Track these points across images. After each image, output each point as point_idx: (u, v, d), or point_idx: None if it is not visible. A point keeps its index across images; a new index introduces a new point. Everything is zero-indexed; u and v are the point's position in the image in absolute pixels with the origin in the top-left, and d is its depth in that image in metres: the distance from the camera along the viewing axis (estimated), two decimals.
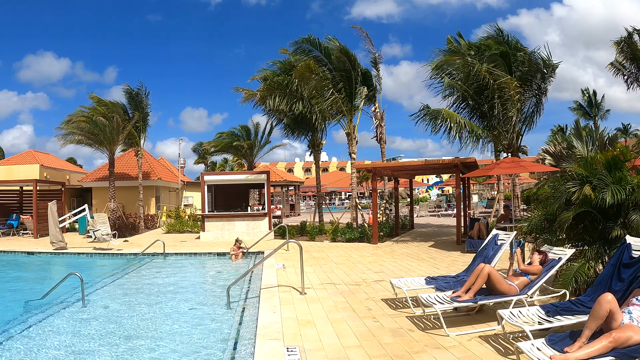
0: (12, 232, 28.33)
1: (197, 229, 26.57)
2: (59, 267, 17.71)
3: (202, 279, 14.34)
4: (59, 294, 11.38)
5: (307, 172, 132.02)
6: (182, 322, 8.93)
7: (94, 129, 27.18)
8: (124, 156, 37.80)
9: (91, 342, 7.85)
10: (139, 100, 30.69)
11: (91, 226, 22.08)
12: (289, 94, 22.30)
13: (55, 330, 8.68)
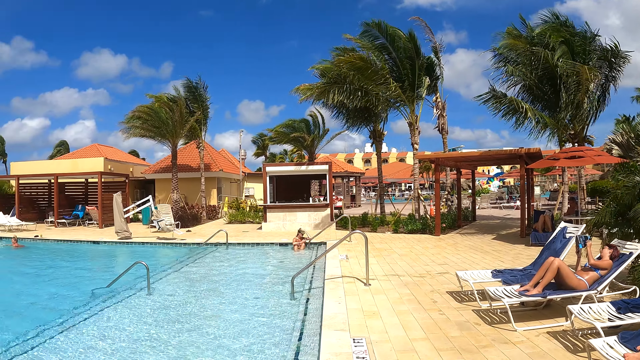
0: (78, 222, 29.44)
1: (258, 219, 26.99)
2: (123, 256, 18.35)
3: (265, 269, 14.48)
4: (125, 282, 11.79)
5: (367, 163, 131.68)
6: (246, 312, 9.07)
7: (157, 122, 27.94)
8: (186, 148, 38.66)
9: (157, 329, 8.13)
10: (198, 94, 31.45)
11: (155, 216, 22.73)
12: (348, 86, 22.28)
13: (121, 317, 9.01)
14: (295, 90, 24.69)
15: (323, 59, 24.77)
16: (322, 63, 24.38)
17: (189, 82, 31.36)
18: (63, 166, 37.21)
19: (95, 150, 43.92)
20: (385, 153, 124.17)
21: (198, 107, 30.72)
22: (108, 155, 41.31)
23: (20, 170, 37.39)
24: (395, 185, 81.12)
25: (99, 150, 44.01)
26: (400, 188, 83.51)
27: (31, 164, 39.65)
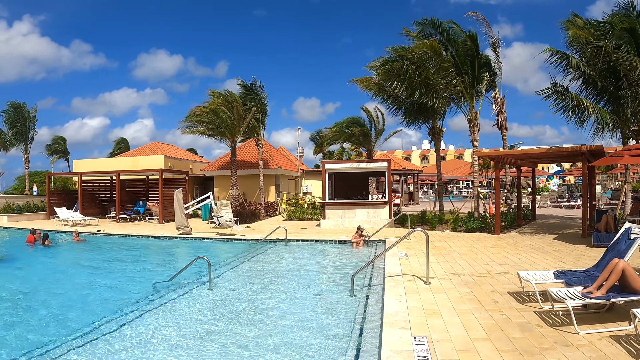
0: (139, 218, 30.52)
1: (316, 216, 27.22)
2: (184, 251, 18.78)
3: (324, 266, 14.59)
4: (186, 277, 12.14)
5: (424, 160, 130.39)
6: (306, 307, 9.23)
7: (216, 120, 28.51)
8: (244, 146, 39.24)
9: (218, 323, 8.37)
10: (255, 93, 31.78)
11: (215, 213, 23.21)
12: (408, 79, 22.17)
13: (183, 310, 9.29)
14: (352, 80, 24.84)
15: (380, 56, 24.75)
16: (378, 59, 24.36)
17: (245, 83, 31.85)
18: (124, 163, 38.37)
19: (155, 148, 45.07)
20: (442, 150, 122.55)
21: (255, 105, 31.12)
22: (168, 152, 42.38)
23: (83, 168, 38.92)
24: (453, 183, 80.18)
25: (159, 148, 45.12)
26: (458, 186, 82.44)
27: (93, 162, 41.08)
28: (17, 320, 8.94)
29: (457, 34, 22.27)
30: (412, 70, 21.55)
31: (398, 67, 22.01)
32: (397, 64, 22.37)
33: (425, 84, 22.01)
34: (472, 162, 23.57)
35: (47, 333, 7.97)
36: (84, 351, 6.92)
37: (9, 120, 40.47)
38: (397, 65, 22.22)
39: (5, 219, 30.25)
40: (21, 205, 33.92)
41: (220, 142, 31.02)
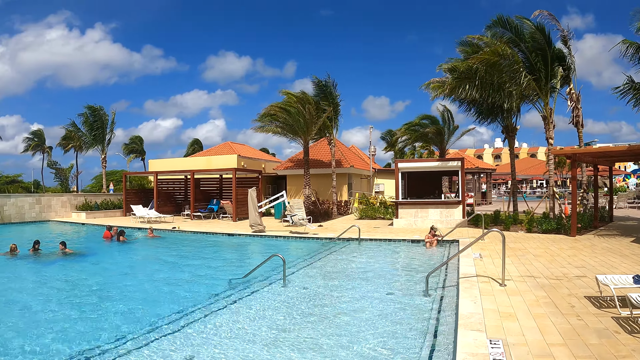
0: (213, 216, 31.24)
1: (388, 215, 27.20)
2: (257, 248, 19.05)
3: (398, 266, 14.56)
4: (260, 274, 12.36)
5: (497, 158, 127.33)
6: (379, 307, 9.23)
7: (289, 119, 28.90)
8: (317, 145, 39.49)
9: (291, 320, 8.51)
10: (328, 92, 31.80)
11: (289, 211, 23.57)
12: (479, 82, 21.81)
13: (257, 307, 9.48)
14: (425, 85, 24.63)
15: (450, 57, 24.41)
16: (449, 62, 24.03)
17: (319, 80, 31.90)
18: (198, 163, 39.35)
19: (228, 148, 45.98)
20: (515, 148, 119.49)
21: (328, 105, 31.25)
22: (241, 152, 43.15)
23: (158, 167, 40.26)
24: (527, 182, 78.02)
25: (232, 147, 46.00)
26: (532, 185, 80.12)
27: (168, 161, 42.40)
28: (92, 313, 9.39)
29: (526, 28, 21.75)
30: (482, 71, 21.21)
31: (468, 71, 21.75)
32: (466, 64, 22.07)
33: (496, 84, 21.62)
34: (547, 160, 23.00)
35: (120, 326, 8.36)
36: (157, 345, 7.22)
37: (87, 122, 42.39)
38: (467, 67, 21.94)
39: (83, 216, 31.93)
40: (99, 202, 35.38)
41: (292, 141, 31.43)
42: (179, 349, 7.02)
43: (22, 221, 30.77)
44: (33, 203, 31.86)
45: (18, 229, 27.34)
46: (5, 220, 29.88)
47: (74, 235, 24.60)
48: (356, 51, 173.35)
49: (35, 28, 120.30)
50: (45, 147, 66.60)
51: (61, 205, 33.66)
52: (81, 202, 34.55)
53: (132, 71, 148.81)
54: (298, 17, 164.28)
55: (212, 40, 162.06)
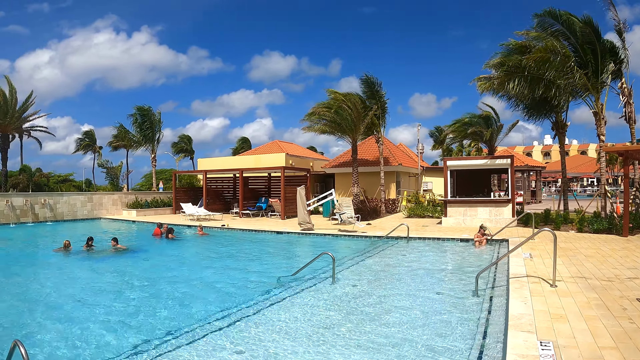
0: (261, 214, 31.65)
1: (437, 214, 27.04)
2: (306, 246, 19.21)
3: (446, 265, 14.45)
4: (309, 271, 12.44)
5: (546, 156, 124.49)
6: (428, 306, 9.21)
7: (337, 118, 28.97)
8: (364, 143, 39.42)
9: (341, 318, 8.54)
10: (374, 90, 31.73)
11: (337, 209, 23.69)
12: (528, 77, 21.41)
13: (306, 304, 9.56)
14: (474, 81, 24.36)
15: (496, 52, 23.94)
16: (494, 57, 23.66)
17: (367, 78, 31.79)
18: (247, 161, 39.93)
19: (276, 147, 46.40)
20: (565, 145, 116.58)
21: (375, 103, 31.20)
22: (289, 150, 43.45)
23: (207, 166, 41.00)
24: (577, 180, 76.06)
25: (280, 146, 46.40)
26: (582, 183, 78.00)
27: (216, 160, 43.15)
28: (142, 307, 9.67)
29: (574, 23, 21.21)
30: (531, 66, 20.80)
31: (516, 65, 21.34)
32: (514, 59, 21.67)
33: (545, 79, 21.19)
34: (598, 157, 22.41)
35: (170, 321, 8.58)
36: (208, 340, 7.36)
37: (136, 123, 43.46)
38: (515, 61, 21.54)
39: (134, 214, 32.91)
40: (149, 200, 36.47)
41: (339, 139, 31.59)
42: (228, 345, 7.14)
43: (74, 218, 31.99)
44: (85, 201, 33.04)
45: (70, 226, 28.43)
46: (58, 218, 31.15)
47: (125, 232, 25.35)
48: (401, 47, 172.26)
49: (83, 33, 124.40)
50: (96, 147, 68.66)
51: (112, 203, 34.74)
52: (131, 200, 35.62)
53: (179, 72, 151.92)
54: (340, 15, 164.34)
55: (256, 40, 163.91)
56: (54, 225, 29.15)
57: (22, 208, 29.38)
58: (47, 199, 30.91)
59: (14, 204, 29.00)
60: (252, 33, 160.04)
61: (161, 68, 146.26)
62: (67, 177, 68.83)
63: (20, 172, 55.28)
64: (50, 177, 62.24)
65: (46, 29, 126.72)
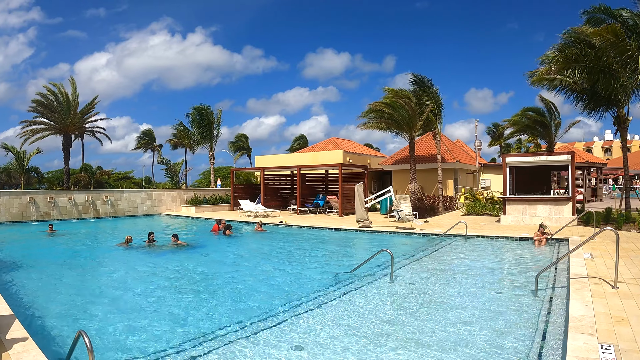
0: (319, 211, 31.84)
1: (495, 212, 26.65)
2: (364, 243, 19.14)
3: (505, 264, 14.26)
4: (367, 268, 12.48)
5: (607, 152, 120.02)
6: (487, 305, 9.15)
7: (394, 115, 28.90)
8: (422, 140, 39.15)
9: (398, 316, 8.58)
10: (428, 87, 31.41)
11: (395, 207, 23.64)
12: (588, 67, 20.77)
13: (364, 301, 9.63)
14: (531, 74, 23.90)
15: (553, 44, 23.36)
16: (550, 49, 23.11)
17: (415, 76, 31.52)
18: (304, 159, 40.17)
19: (333, 144, 46.52)
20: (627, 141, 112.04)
21: (430, 99, 30.95)
22: (346, 147, 43.45)
23: (264, 163, 41.53)
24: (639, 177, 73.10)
25: (337, 143, 46.48)
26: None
27: (274, 157, 43.65)
28: (201, 302, 9.96)
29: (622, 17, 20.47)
30: (591, 55, 20.18)
31: (576, 53, 20.74)
32: (574, 50, 21.10)
33: (606, 70, 20.55)
34: None
35: (227, 315, 8.79)
36: (265, 335, 7.52)
37: (195, 121, 44.35)
38: (575, 51, 20.94)
39: (192, 210, 33.67)
40: (207, 197, 37.08)
41: (396, 136, 31.57)
42: (286, 340, 7.28)
43: (135, 214, 33.06)
44: (145, 197, 34.07)
45: (131, 222, 29.40)
46: (119, 214, 32.26)
47: (184, 228, 25.95)
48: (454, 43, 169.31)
49: (139, 35, 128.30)
50: (155, 146, 70.54)
51: (171, 200, 35.62)
52: (190, 197, 36.34)
53: (234, 72, 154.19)
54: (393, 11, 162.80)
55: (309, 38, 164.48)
56: (114, 220, 30.21)
57: (84, 204, 30.61)
58: (108, 196, 32.07)
59: (77, 200, 30.25)
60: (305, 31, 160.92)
61: (216, 68, 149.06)
62: (127, 175, 70.92)
63: (81, 170, 57.47)
64: (110, 175, 64.23)
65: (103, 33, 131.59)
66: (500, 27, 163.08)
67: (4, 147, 52.93)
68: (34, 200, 28.45)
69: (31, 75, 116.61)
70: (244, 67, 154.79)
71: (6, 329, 6.65)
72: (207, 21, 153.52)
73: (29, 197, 28.33)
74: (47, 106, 39.82)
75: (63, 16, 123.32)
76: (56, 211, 29.28)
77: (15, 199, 27.84)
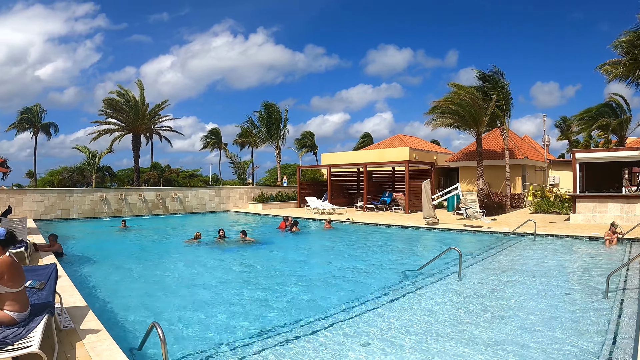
0: (385, 208, 31.78)
1: (564, 210, 25.99)
2: (431, 241, 18.99)
3: (574, 264, 13.96)
4: (434, 266, 12.49)
5: None
6: (556, 307, 8.95)
7: (460, 111, 28.57)
8: (488, 136, 38.26)
9: (466, 315, 8.54)
10: (496, 81, 30.76)
11: (463, 204, 23.43)
12: None
13: (432, 299, 9.64)
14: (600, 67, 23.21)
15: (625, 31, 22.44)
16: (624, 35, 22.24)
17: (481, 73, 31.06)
18: (371, 156, 39.79)
19: (399, 141, 46.13)
20: None
21: (497, 94, 30.29)
22: (412, 144, 42.93)
23: (330, 161, 41.69)
24: None
25: (403, 140, 46.04)
26: None
27: (340, 155, 43.59)
28: (269, 297, 10.15)
29: None
30: None
31: None
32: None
33: None
34: None
35: (294, 311, 8.98)
36: (332, 331, 7.70)
37: (262, 119, 45.06)
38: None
39: (259, 207, 34.17)
40: (274, 194, 37.50)
41: (461, 132, 31.09)
42: (353, 336, 7.39)
43: (203, 211, 33.92)
44: (213, 195, 34.93)
45: (199, 218, 30.12)
46: (187, 210, 33.24)
47: (251, 224, 26.25)
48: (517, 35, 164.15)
49: (202, 37, 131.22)
50: (222, 144, 72.03)
51: (239, 197, 36.37)
52: (257, 194, 36.86)
53: (296, 70, 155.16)
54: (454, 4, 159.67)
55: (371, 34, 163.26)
56: (183, 217, 31.11)
57: (154, 201, 31.75)
58: (177, 193, 33.05)
59: (146, 197, 31.44)
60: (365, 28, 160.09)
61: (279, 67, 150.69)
62: (195, 173, 72.35)
63: (151, 168, 59.45)
64: (179, 173, 65.92)
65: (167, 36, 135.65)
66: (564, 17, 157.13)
67: (76, 147, 55.40)
68: (106, 198, 29.75)
69: (99, 79, 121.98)
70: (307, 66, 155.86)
71: (80, 320, 7.05)
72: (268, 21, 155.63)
73: (101, 195, 29.67)
74: (117, 108, 41.39)
75: (128, 22, 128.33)
76: (127, 208, 30.56)
77: (88, 197, 29.20)
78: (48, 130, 64.73)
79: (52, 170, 60.76)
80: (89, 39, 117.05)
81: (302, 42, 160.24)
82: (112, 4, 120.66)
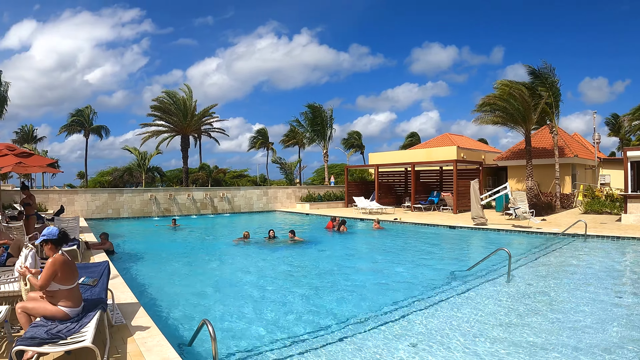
0: (433, 208, 31.60)
1: (616, 210, 25.41)
2: (479, 241, 18.89)
3: (627, 266, 13.67)
4: (483, 267, 12.48)
5: None
6: (606, 311, 8.78)
7: (508, 108, 28.17)
8: (537, 134, 37.48)
9: (515, 316, 8.54)
10: (545, 77, 30.14)
11: (512, 204, 23.12)
12: None
13: (480, 300, 9.66)
14: None
15: None
16: None
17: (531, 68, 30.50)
18: (418, 155, 39.50)
19: (446, 140, 45.69)
20: None
21: (546, 91, 29.61)
22: (459, 143, 42.50)
23: (377, 160, 41.57)
24: None
25: (450, 139, 45.58)
26: None
27: (387, 154, 43.43)
28: (318, 296, 10.33)
29: None
30: None
31: None
32: None
33: None
34: None
35: (343, 310, 9.07)
36: (380, 330, 7.80)
37: (308, 119, 45.23)
38: None
39: (307, 207, 34.33)
40: (321, 194, 37.56)
41: (509, 130, 30.59)
42: (401, 336, 7.49)
43: (251, 211, 34.31)
44: (260, 194, 35.30)
45: (247, 218, 30.53)
46: (235, 210, 33.69)
47: (299, 224, 26.44)
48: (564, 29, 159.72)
49: (247, 39, 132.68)
50: (269, 144, 72.63)
51: (286, 197, 36.60)
52: (305, 194, 36.94)
53: (341, 70, 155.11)
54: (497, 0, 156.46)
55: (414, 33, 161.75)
56: (231, 217, 31.53)
57: (202, 201, 32.28)
58: (225, 193, 33.47)
59: (195, 197, 31.99)
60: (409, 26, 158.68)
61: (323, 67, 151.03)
62: (242, 173, 72.94)
63: (199, 169, 60.26)
64: (227, 173, 66.62)
65: (212, 39, 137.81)
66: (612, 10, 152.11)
67: (125, 148, 56.88)
68: (155, 197, 30.43)
69: (147, 82, 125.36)
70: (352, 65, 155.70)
71: (131, 316, 7.29)
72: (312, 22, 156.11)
73: (150, 195, 30.37)
74: (165, 110, 42.33)
75: (173, 26, 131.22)
76: (176, 207, 31.18)
77: (138, 196, 29.95)
78: (100, 132, 66.86)
79: (102, 170, 62.51)
80: (135, 43, 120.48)
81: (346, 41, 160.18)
82: (157, 9, 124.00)
